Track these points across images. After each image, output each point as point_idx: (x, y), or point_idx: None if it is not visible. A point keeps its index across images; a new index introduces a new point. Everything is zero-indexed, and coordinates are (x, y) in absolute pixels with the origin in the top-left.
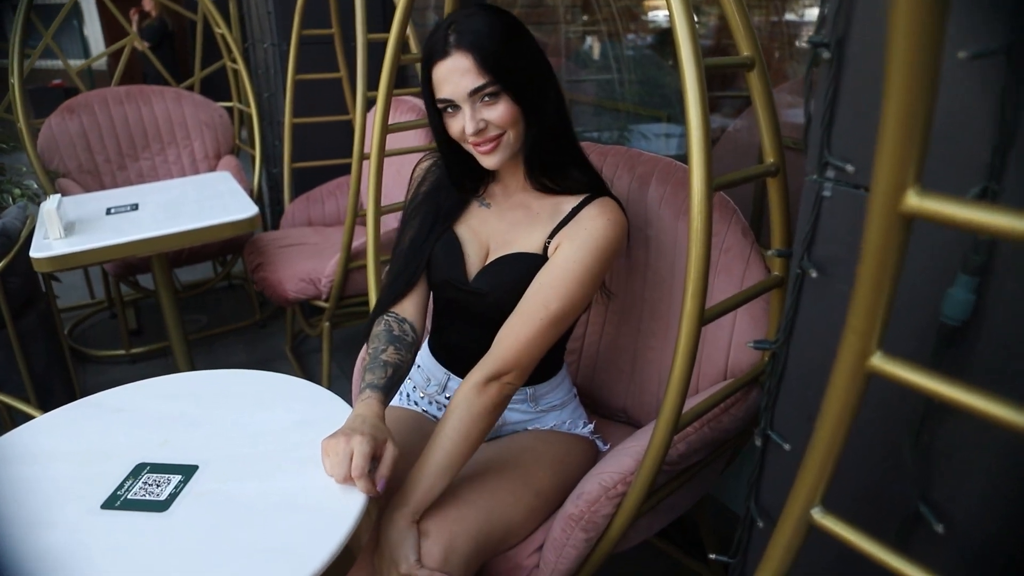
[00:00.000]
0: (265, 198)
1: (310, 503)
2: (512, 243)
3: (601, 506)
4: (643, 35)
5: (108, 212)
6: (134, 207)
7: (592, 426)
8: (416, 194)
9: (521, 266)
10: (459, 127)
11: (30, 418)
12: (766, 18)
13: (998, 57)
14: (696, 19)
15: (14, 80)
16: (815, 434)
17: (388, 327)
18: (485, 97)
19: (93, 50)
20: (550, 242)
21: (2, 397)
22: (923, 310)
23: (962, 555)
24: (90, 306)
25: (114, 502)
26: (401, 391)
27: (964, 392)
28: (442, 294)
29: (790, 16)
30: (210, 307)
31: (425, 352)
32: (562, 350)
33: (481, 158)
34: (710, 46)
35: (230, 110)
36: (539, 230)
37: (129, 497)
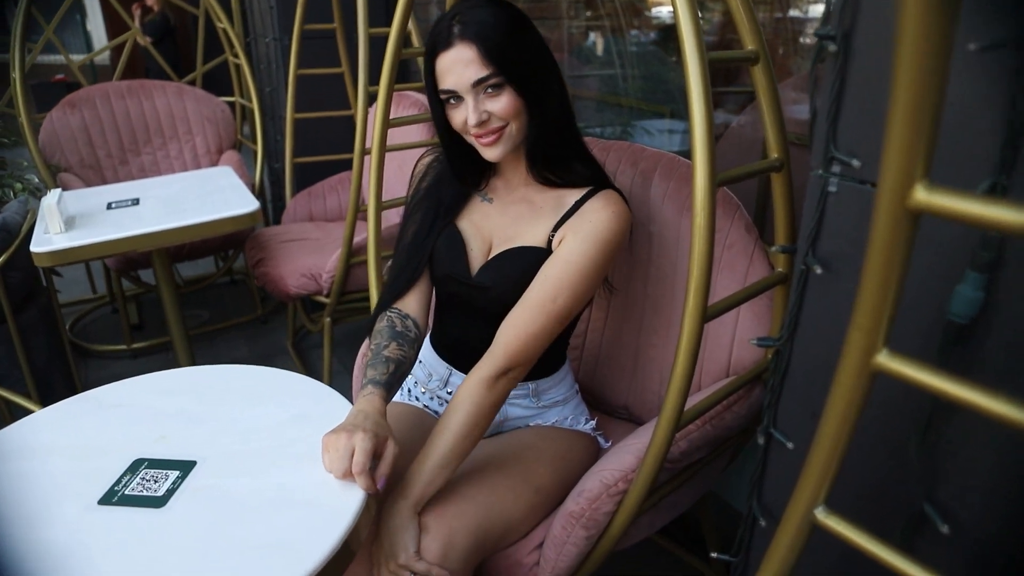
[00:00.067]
0: (267, 193)
1: (309, 499)
2: (515, 237)
3: (602, 504)
4: (646, 31)
5: (109, 207)
6: (135, 202)
7: (594, 423)
8: (418, 189)
9: (525, 260)
10: (461, 118)
11: (29, 413)
12: (770, 14)
13: (1008, 50)
14: (700, 15)
15: (15, 74)
16: (819, 433)
17: (390, 323)
18: (488, 88)
19: (96, 45)
20: (554, 235)
21: (1, 392)
22: (929, 307)
23: (968, 556)
24: (91, 301)
25: (111, 498)
26: (403, 386)
27: (972, 391)
28: (444, 289)
29: (794, 12)
30: (212, 302)
31: (427, 347)
32: (565, 345)
33: (483, 150)
34: (714, 42)
35: (232, 105)
36: (543, 223)
37: (126, 493)
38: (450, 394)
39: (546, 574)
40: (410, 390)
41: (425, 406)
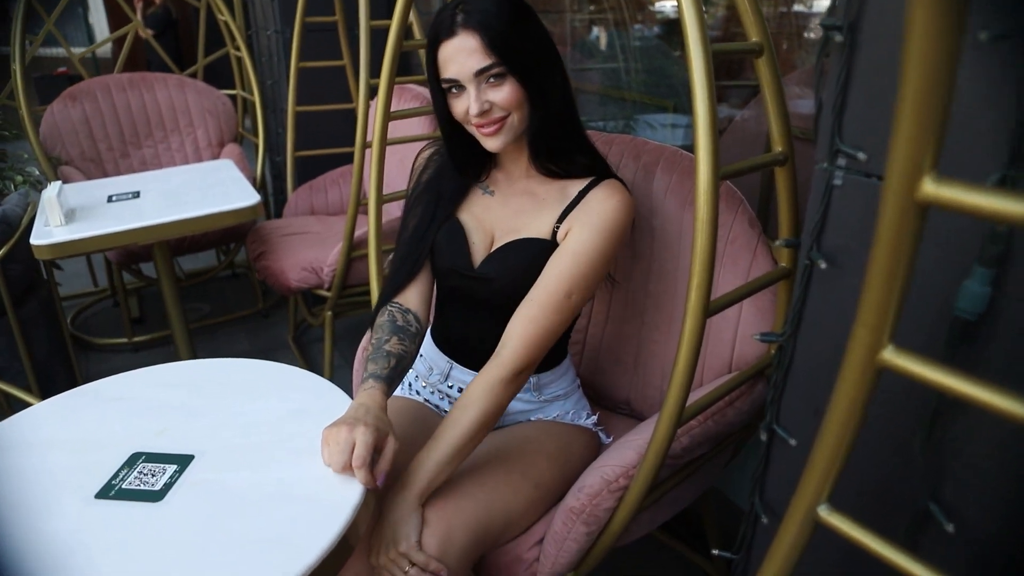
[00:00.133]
0: (268, 187)
1: (307, 493)
2: (519, 229)
3: (603, 499)
4: (650, 25)
5: (109, 200)
6: (135, 195)
7: (595, 417)
8: (418, 183)
9: (529, 251)
10: (463, 108)
11: (28, 406)
12: (775, 9)
13: (1019, 39)
14: (704, 9)
15: (16, 66)
16: (823, 430)
17: (392, 317)
18: (491, 78)
19: (98, 38)
20: (559, 226)
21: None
22: (936, 303)
23: (973, 555)
24: (93, 294)
25: (108, 492)
26: (403, 381)
27: (979, 388)
28: (446, 281)
29: (799, 7)
30: (213, 296)
31: (428, 342)
32: (566, 339)
33: (484, 140)
34: (717, 37)
35: (233, 98)
36: (547, 215)
37: (124, 487)
38: (451, 388)
39: (546, 570)
40: (411, 384)
41: (426, 400)
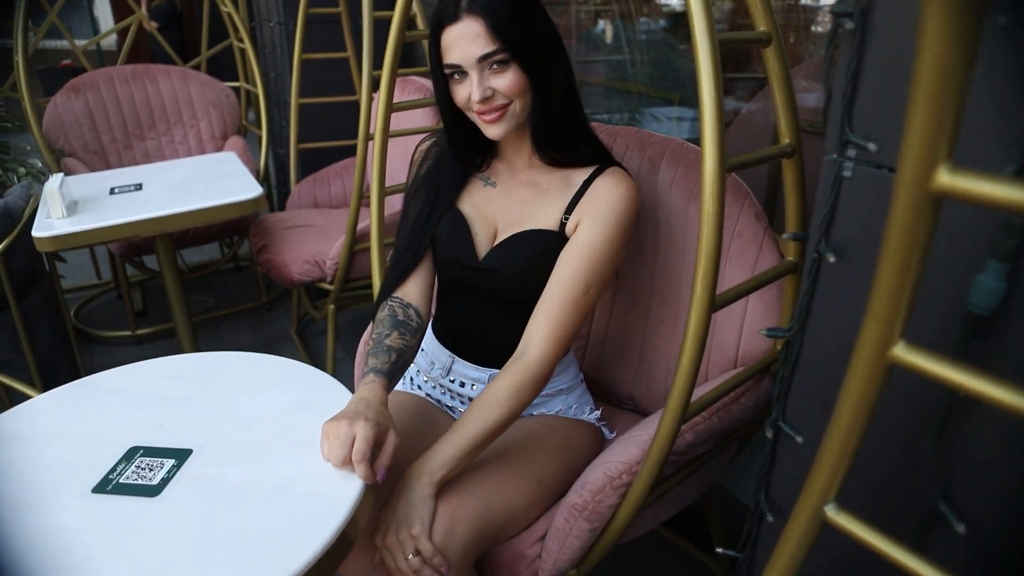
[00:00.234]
0: (272, 179)
1: (307, 488)
2: (523, 220)
3: (605, 496)
4: (656, 18)
5: (112, 192)
6: (138, 187)
7: (599, 412)
8: (417, 175)
9: (537, 243)
10: (465, 94)
11: (28, 398)
12: (782, 1)
13: None
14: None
15: (18, 57)
16: (831, 427)
17: (392, 312)
18: (494, 64)
19: (103, 30)
20: (567, 218)
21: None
22: (947, 297)
23: (984, 557)
24: (96, 287)
25: (105, 486)
26: (404, 376)
27: (993, 385)
28: (448, 273)
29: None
30: (217, 289)
31: (429, 335)
32: None
33: (485, 127)
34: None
35: (237, 90)
36: (553, 206)
37: (121, 481)
38: (453, 382)
39: (548, 566)
40: (412, 379)
41: (427, 395)
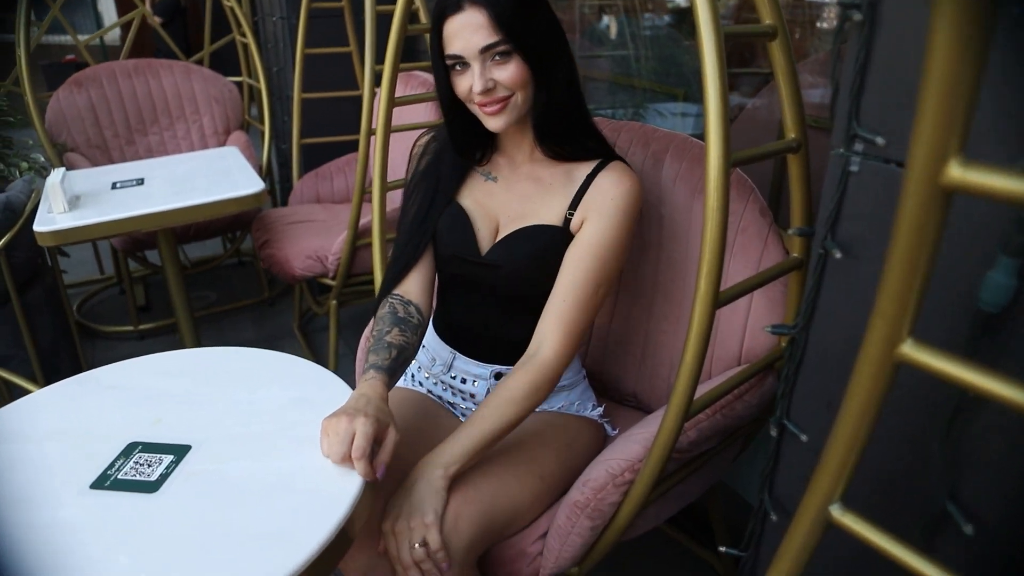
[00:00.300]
0: (275, 174)
1: (306, 485)
2: (526, 216)
3: (607, 494)
4: (660, 13)
5: (114, 186)
6: (140, 182)
7: (601, 409)
8: (416, 170)
9: (540, 239)
10: (467, 85)
11: (28, 393)
12: None
13: None
14: None
15: (20, 52)
16: (836, 426)
17: (392, 309)
18: (496, 55)
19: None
20: (572, 214)
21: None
22: (957, 294)
23: (992, 558)
24: (99, 282)
25: (103, 482)
26: (406, 372)
27: (1003, 384)
28: (449, 269)
29: None
30: (219, 284)
31: (430, 332)
32: None
33: (486, 119)
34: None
35: (239, 85)
36: (556, 201)
37: (119, 477)
38: (454, 379)
39: (550, 564)
40: (413, 375)
41: (429, 391)
